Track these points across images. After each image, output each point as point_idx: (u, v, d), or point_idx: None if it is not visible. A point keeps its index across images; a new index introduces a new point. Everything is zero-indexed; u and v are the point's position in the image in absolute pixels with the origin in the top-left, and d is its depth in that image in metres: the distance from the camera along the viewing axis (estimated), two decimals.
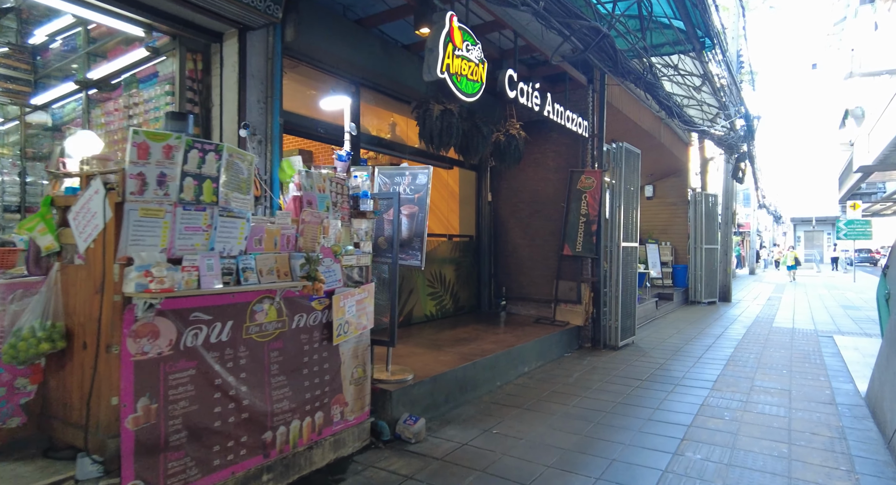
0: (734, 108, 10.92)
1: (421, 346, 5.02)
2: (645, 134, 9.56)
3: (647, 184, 13.74)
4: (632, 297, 7.02)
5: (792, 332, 8.22)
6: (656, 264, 12.09)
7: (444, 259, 6.87)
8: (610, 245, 6.71)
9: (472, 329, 6.03)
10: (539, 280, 7.16)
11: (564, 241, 6.84)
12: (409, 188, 3.84)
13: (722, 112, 9.59)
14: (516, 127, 6.30)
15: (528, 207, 7.29)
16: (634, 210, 7.09)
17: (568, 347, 6.43)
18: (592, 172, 6.66)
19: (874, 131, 23.69)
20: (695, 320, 9.54)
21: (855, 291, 16.16)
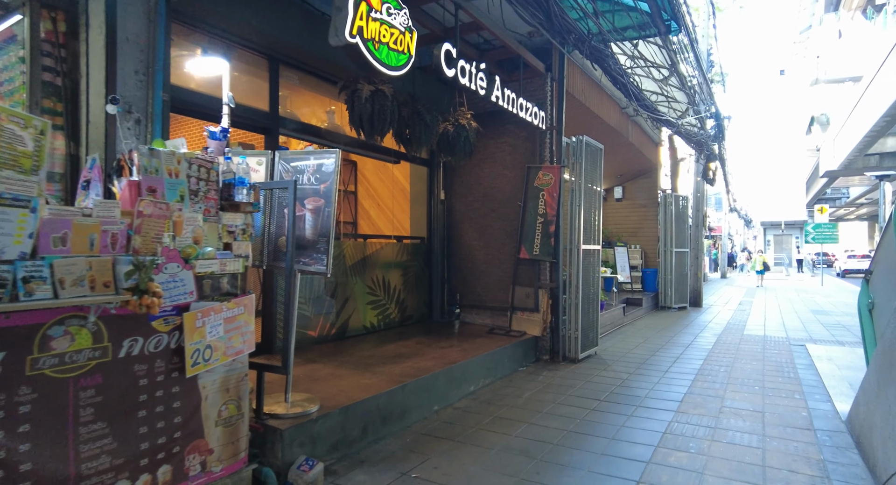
0: (705, 106, 10.55)
1: (347, 366, 4.32)
2: (611, 131, 9.07)
3: (616, 185, 13.32)
4: (594, 304, 6.45)
5: (764, 340, 7.78)
6: (625, 268, 11.64)
7: (389, 263, 6.19)
8: (570, 248, 6.13)
9: (414, 343, 5.35)
10: (495, 286, 6.54)
11: (521, 243, 6.24)
12: (315, 177, 3.15)
13: (691, 107, 9.17)
14: (467, 117, 5.67)
15: (483, 207, 6.66)
16: (597, 210, 6.53)
17: (524, 360, 5.81)
18: (550, 167, 6.08)
19: (839, 137, 23.97)
20: (664, 328, 9.06)
21: (823, 295, 16.07)
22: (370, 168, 7.42)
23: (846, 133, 22.05)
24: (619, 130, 9.25)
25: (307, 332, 4.94)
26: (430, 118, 5.13)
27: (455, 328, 6.34)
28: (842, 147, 22.99)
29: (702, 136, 10.57)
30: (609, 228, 13.45)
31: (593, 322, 6.47)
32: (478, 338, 5.76)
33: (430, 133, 5.14)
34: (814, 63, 34.59)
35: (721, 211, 34.42)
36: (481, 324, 6.59)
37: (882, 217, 13.62)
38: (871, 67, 18.20)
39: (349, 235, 7.25)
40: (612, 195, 13.45)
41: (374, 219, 7.37)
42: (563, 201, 6.20)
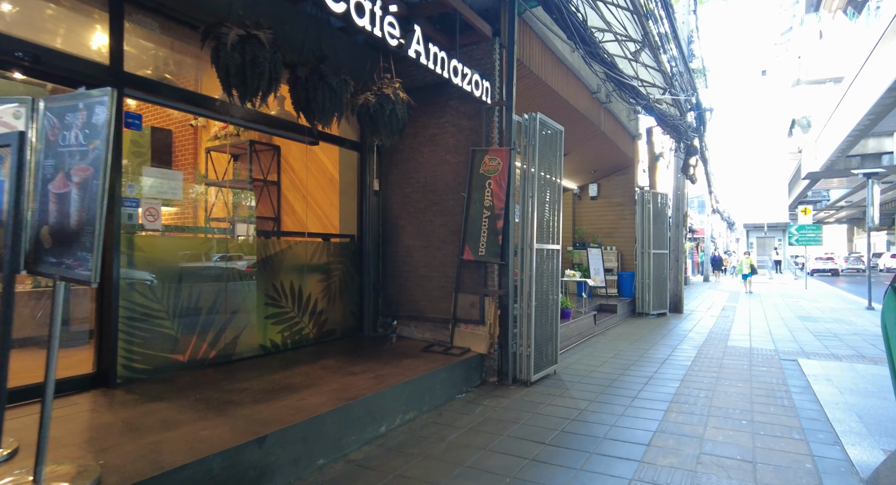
0: (685, 94, 9.65)
1: (198, 406, 3.21)
2: (580, 118, 8.09)
3: (591, 182, 12.39)
4: (551, 314, 5.43)
5: (750, 353, 6.84)
6: (599, 272, 10.69)
7: (302, 266, 5.09)
8: (521, 247, 5.10)
9: (319, 368, 4.26)
10: (437, 293, 5.48)
11: (465, 241, 5.19)
12: (83, 133, 2.06)
13: (669, 89, 8.24)
14: (393, 86, 4.62)
15: (423, 199, 5.61)
16: (556, 204, 5.52)
17: (464, 384, 4.75)
18: (497, 150, 5.05)
19: (821, 138, 23.44)
20: (639, 338, 8.09)
21: (809, 299, 15.32)
22: (295, 154, 6.32)
23: (828, 134, 21.54)
24: (590, 118, 8.29)
25: (171, 356, 3.82)
26: (338, 83, 4.06)
27: (386, 345, 5.26)
28: (824, 148, 22.50)
29: (681, 123, 9.65)
30: (583, 228, 12.52)
31: (551, 336, 5.45)
32: (407, 358, 4.69)
33: (338, 102, 4.07)
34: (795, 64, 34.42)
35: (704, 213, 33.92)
36: (420, 339, 5.53)
37: (870, 217, 12.90)
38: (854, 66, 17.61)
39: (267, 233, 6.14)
40: (586, 193, 12.52)
41: (300, 214, 6.27)
42: (514, 192, 5.17)
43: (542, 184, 5.25)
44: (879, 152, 20.75)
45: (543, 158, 5.26)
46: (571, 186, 12.41)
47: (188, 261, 4.02)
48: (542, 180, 5.26)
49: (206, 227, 5.38)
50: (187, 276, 3.97)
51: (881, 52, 14.61)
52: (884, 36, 13.87)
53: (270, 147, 6.34)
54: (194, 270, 4.04)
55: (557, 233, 5.54)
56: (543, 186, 5.28)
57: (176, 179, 4.07)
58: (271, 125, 4.82)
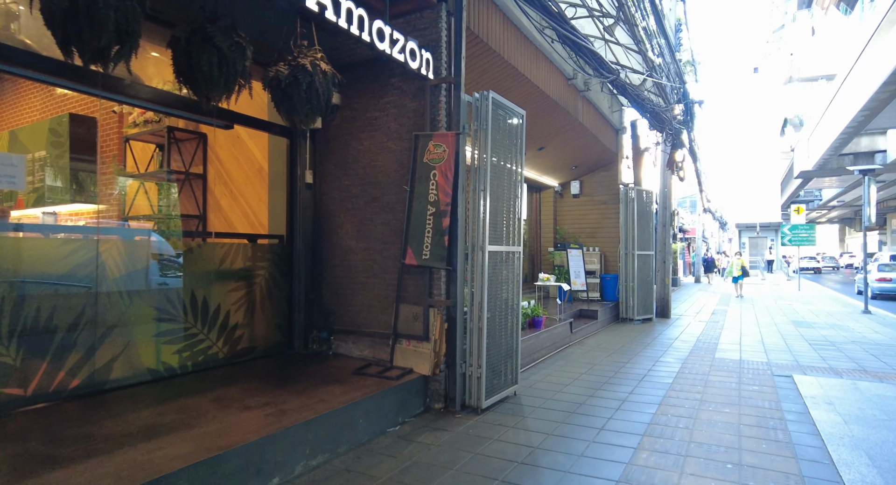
0: (670, 82, 8.94)
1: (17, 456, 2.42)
2: (555, 107, 7.35)
3: (572, 179, 11.66)
4: (510, 327, 4.68)
5: (739, 367, 6.12)
6: (580, 274, 9.96)
7: (210, 273, 4.30)
8: (472, 249, 4.34)
9: (208, 400, 3.47)
10: (378, 303, 4.71)
11: (407, 243, 4.42)
12: None
13: (650, 73, 7.52)
14: (315, 56, 3.85)
15: (363, 193, 4.83)
16: (516, 198, 4.76)
17: (400, 413, 3.99)
18: (442, 135, 4.28)
19: (814, 136, 22.88)
20: (619, 348, 7.36)
21: (802, 302, 14.70)
22: (222, 143, 5.53)
23: (821, 132, 20.97)
24: (565, 107, 7.54)
25: (3, 390, 3.02)
26: (231, 47, 3.27)
27: (314, 366, 4.49)
28: (816, 146, 21.94)
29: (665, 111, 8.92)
30: (565, 228, 11.80)
31: (510, 351, 4.70)
32: (331, 383, 3.92)
33: (230, 70, 3.29)
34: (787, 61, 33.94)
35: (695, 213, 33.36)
36: (358, 357, 4.75)
37: (866, 216, 12.27)
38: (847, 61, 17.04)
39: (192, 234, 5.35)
40: (568, 191, 11.79)
41: (227, 211, 5.48)
42: (465, 185, 4.41)
43: (497, 175, 4.49)
44: (872, 151, 20.21)
45: (499, 145, 4.50)
46: (552, 184, 11.68)
47: (41, 268, 3.22)
48: (497, 171, 4.50)
49: (84, 226, 4.58)
50: (35, 287, 3.17)
51: (876, 45, 14.00)
52: (879, 28, 13.26)
53: (195, 135, 5.54)
54: (49, 278, 3.25)
55: (517, 232, 4.78)
56: (499, 177, 4.52)
57: (11, 164, 3.25)
58: (168, 104, 4.03)
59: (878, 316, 11.31)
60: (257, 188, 5.24)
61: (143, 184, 5.69)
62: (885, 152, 19.82)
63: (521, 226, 4.86)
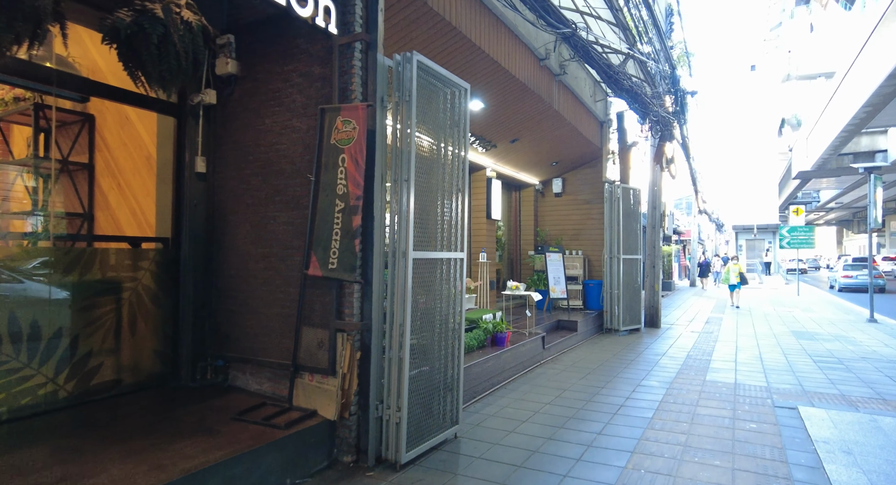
0: (658, 66, 8.01)
1: None
2: (525, 92, 6.42)
3: (554, 177, 10.72)
4: (448, 354, 3.73)
5: (734, 394, 5.17)
6: (559, 280, 9.01)
7: (55, 287, 3.33)
8: (393, 257, 3.38)
9: None
10: (279, 325, 3.74)
11: (311, 248, 3.47)
12: None
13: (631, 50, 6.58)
14: (175, 1, 2.91)
15: (265, 185, 3.87)
16: (458, 192, 3.82)
17: (291, 471, 3.02)
18: (352, 109, 3.33)
19: (812, 135, 22.03)
20: (596, 367, 6.41)
21: (802, 309, 13.79)
22: (111, 126, 4.56)
23: (820, 130, 20.11)
24: (537, 91, 6.60)
25: None
26: None
27: (194, 405, 3.53)
28: (815, 146, 21.07)
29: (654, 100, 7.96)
30: (546, 230, 10.86)
31: (449, 385, 3.75)
32: (198, 435, 2.95)
33: (23, 9, 2.34)
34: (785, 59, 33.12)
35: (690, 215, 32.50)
36: (256, 392, 3.78)
37: (871, 217, 11.37)
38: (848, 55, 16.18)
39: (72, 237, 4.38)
40: (549, 189, 10.86)
41: (115, 209, 4.51)
42: (384, 173, 3.45)
43: (427, 161, 3.55)
44: (873, 150, 19.41)
45: (430, 123, 3.56)
46: (532, 181, 10.74)
47: None
48: (428, 156, 3.55)
49: None
50: None
51: (880, 36, 13.13)
52: (883, 18, 12.38)
53: (79, 117, 4.57)
54: None
55: (458, 235, 3.83)
56: (429, 164, 3.57)
57: None
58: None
59: (885, 326, 10.40)
60: (145, 180, 4.27)
61: (23, 175, 4.73)
62: (886, 152, 19.00)
63: (463, 226, 3.90)
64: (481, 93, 6.07)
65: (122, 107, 4.31)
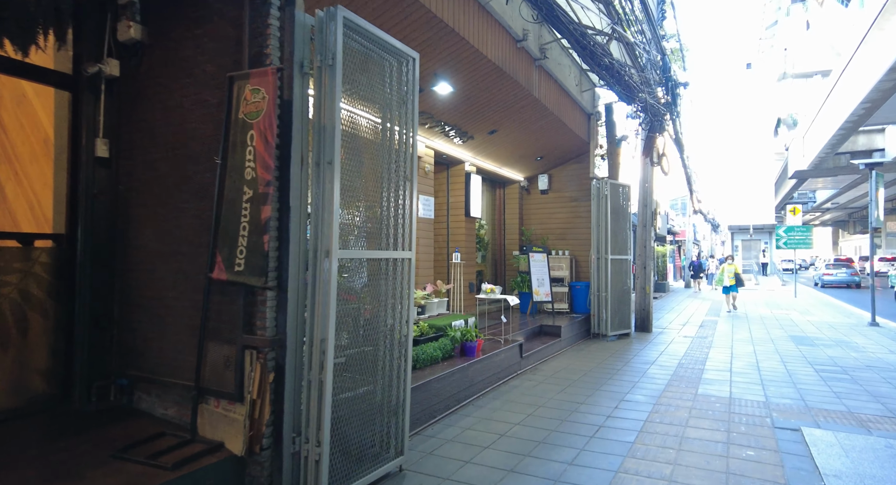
0: (648, 53, 7.44)
1: None
2: (499, 75, 5.83)
3: (540, 173, 10.14)
4: (391, 370, 3.13)
5: (729, 412, 4.59)
6: (543, 282, 8.42)
7: None
8: (315, 256, 2.77)
9: None
10: (190, 338, 3.13)
11: (216, 246, 2.86)
12: None
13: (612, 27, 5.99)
14: None
15: (173, 171, 3.26)
16: (406, 181, 3.22)
17: None
18: (261, 74, 2.73)
19: (809, 134, 21.57)
20: (579, 379, 5.82)
21: (800, 311, 13.25)
22: (8, 104, 3.93)
23: (817, 129, 19.64)
24: (513, 76, 6.02)
25: None
26: None
27: (75, 437, 2.91)
28: (812, 145, 20.59)
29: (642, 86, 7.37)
30: (532, 229, 10.28)
31: (394, 409, 3.15)
32: (53, 483, 2.34)
33: None
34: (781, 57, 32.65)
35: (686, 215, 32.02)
36: (161, 417, 3.17)
37: (872, 216, 10.84)
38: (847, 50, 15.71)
39: None
40: (535, 186, 10.27)
41: (12, 201, 3.89)
42: (304, 155, 2.85)
43: (366, 141, 2.95)
44: (870, 149, 18.97)
45: (366, 94, 2.96)
46: (517, 178, 10.16)
47: None
48: (366, 135, 2.95)
49: None
50: None
51: (880, 30, 12.66)
52: (883, 10, 11.89)
53: None
54: None
55: (406, 231, 3.24)
56: (368, 145, 2.97)
57: None
58: None
59: (888, 330, 9.86)
60: (42, 167, 3.66)
61: None
62: (884, 151, 18.55)
63: (412, 220, 3.31)
64: (449, 75, 5.48)
65: (20, 82, 3.69)
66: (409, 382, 3.31)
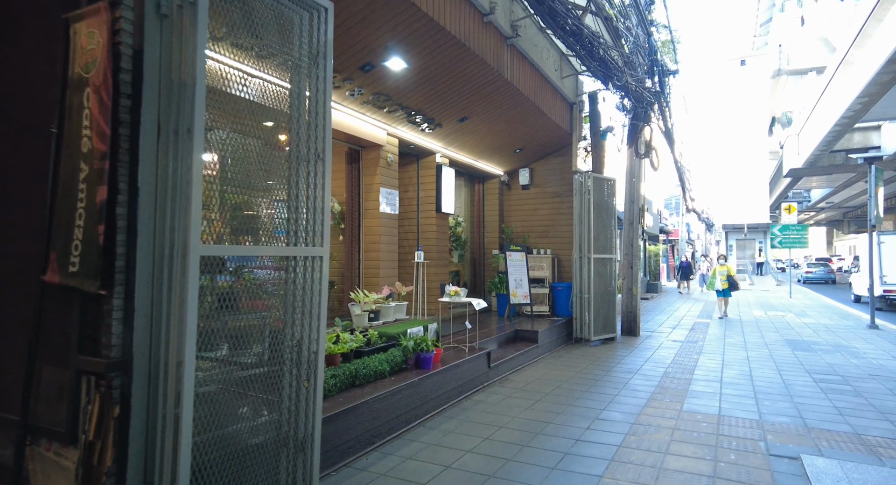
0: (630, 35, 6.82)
1: None
2: (463, 53, 5.19)
3: (521, 167, 9.52)
4: (301, 400, 2.49)
5: (717, 434, 3.97)
6: (521, 283, 7.78)
7: None
8: (169, 253, 2.12)
9: None
10: (19, 359, 2.46)
11: (49, 241, 2.20)
12: None
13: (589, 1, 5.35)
14: None
15: (3, 147, 2.60)
16: (318, 161, 2.59)
17: None
18: (93, 12, 2.07)
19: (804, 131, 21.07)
20: (551, 391, 5.19)
21: (796, 312, 12.70)
22: None
23: (812, 125, 19.14)
24: (480, 54, 5.38)
25: None
26: None
27: None
28: (807, 142, 20.08)
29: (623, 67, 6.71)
30: (513, 226, 9.65)
31: (304, 443, 2.51)
32: None
33: None
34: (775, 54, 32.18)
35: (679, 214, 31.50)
36: None
37: (872, 214, 10.28)
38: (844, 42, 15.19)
39: None
40: (516, 181, 9.65)
41: None
42: (161, 122, 2.19)
43: (259, 108, 2.30)
44: (866, 147, 18.50)
45: (253, 44, 2.31)
46: (497, 172, 9.53)
47: None
48: (261, 100, 2.31)
49: None
50: None
51: (877, 20, 12.14)
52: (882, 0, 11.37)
53: None
54: None
55: (316, 222, 2.60)
56: (253, 110, 2.33)
57: None
58: None
59: (888, 333, 9.29)
60: None
61: None
62: (879, 148, 18.07)
63: (324, 210, 2.67)
64: (403, 49, 4.83)
65: None
66: (320, 409, 2.67)
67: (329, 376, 3.68)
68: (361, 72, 4.98)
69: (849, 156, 16.19)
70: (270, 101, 2.54)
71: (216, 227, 2.19)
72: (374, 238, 6.39)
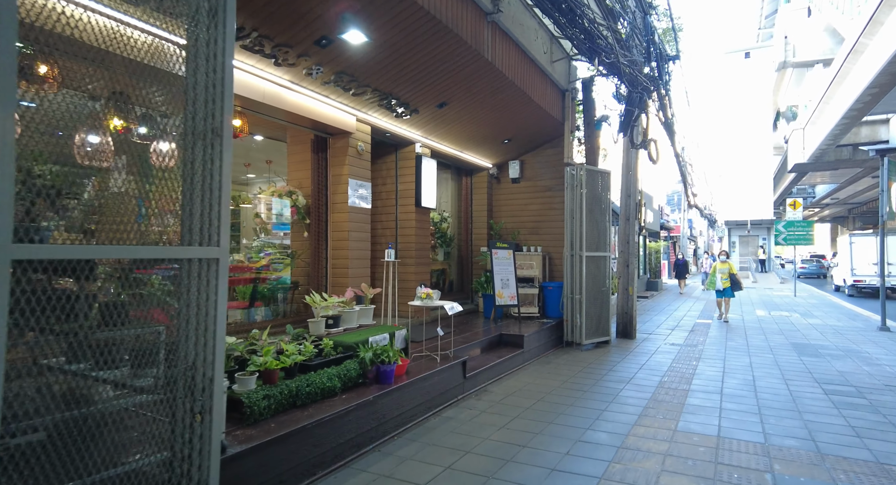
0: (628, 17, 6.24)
1: None
2: (436, 28, 4.62)
3: (510, 159, 8.96)
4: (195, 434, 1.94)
5: (715, 464, 3.43)
6: (508, 283, 7.24)
7: None
8: None
9: None
10: None
11: None
12: None
13: None
14: None
15: None
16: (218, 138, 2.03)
17: None
18: None
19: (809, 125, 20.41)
20: (531, 407, 4.64)
21: (801, 312, 12.13)
22: None
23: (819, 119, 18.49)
24: (455, 30, 4.81)
25: None
26: None
27: None
28: (812, 136, 19.41)
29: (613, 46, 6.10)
30: (502, 222, 9.10)
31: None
32: None
33: None
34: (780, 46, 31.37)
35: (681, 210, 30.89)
36: None
37: (883, 207, 9.69)
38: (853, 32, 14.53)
39: None
40: (506, 174, 9.09)
41: None
42: None
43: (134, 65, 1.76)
44: (874, 141, 17.84)
45: None
46: (485, 165, 8.97)
47: None
48: (118, 49, 1.76)
49: None
50: None
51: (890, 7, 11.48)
52: None
53: None
54: None
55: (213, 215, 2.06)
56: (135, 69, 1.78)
57: None
58: None
59: None
60: None
61: None
62: (888, 142, 17.42)
63: (220, 199, 2.12)
64: (363, 21, 4.27)
65: None
66: (217, 448, 2.14)
67: (261, 396, 3.14)
68: (318, 47, 4.43)
69: (859, 148, 15.53)
70: (156, 59, 2.01)
71: (48, 217, 1.65)
72: (343, 234, 5.85)
